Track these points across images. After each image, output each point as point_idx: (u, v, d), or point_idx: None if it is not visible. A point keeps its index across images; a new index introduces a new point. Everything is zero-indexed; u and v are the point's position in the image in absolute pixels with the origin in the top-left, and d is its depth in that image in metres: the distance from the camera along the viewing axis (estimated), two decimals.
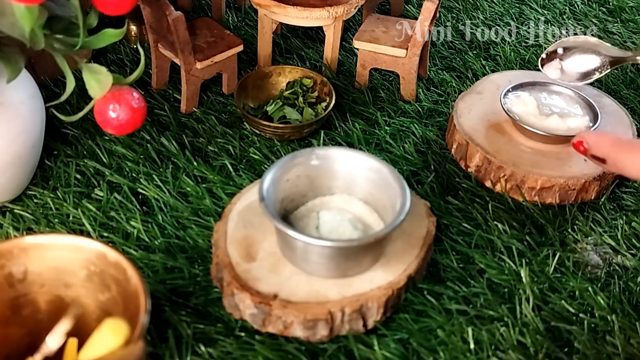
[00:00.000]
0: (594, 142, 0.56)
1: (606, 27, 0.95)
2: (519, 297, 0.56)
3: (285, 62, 0.84)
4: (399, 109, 0.77)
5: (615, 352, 0.52)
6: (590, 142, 0.56)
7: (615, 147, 0.54)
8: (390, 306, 0.53)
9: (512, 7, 0.98)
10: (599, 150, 0.55)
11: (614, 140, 0.55)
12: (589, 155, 0.56)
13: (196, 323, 0.53)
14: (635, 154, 0.53)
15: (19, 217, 0.61)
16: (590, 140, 0.56)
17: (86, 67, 0.51)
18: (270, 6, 0.74)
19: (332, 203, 0.58)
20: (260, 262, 0.54)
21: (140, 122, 0.53)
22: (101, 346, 0.42)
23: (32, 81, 0.60)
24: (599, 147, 0.55)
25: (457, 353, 0.52)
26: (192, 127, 0.73)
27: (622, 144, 0.54)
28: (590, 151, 0.56)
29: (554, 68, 0.69)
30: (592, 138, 0.56)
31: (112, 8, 0.48)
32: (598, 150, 0.55)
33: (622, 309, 0.56)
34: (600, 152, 0.55)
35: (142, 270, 0.57)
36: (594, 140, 0.56)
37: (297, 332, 0.51)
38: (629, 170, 0.53)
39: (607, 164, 0.55)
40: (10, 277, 0.46)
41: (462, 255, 0.60)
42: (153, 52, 0.75)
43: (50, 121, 0.67)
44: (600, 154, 0.55)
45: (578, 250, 0.61)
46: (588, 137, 0.56)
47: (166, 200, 0.64)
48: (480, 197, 0.66)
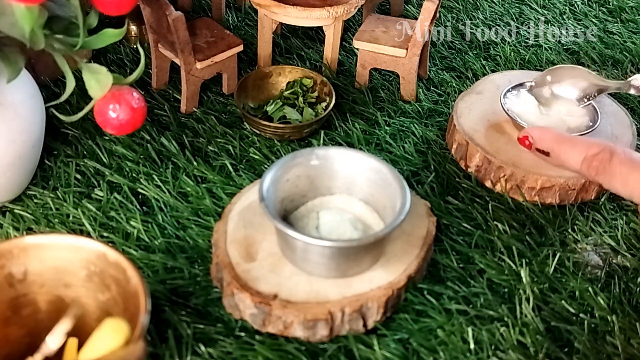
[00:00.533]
0: (538, 136, 0.61)
1: (606, 27, 0.95)
2: (519, 297, 0.56)
3: (285, 62, 0.84)
4: (399, 109, 0.77)
5: (616, 352, 0.52)
6: (535, 137, 0.61)
7: (557, 142, 0.59)
8: (390, 306, 0.53)
9: (512, 7, 0.97)
10: (543, 144, 0.60)
11: (556, 135, 0.60)
12: (534, 149, 0.61)
13: (196, 323, 0.53)
14: (575, 148, 0.58)
15: (19, 217, 0.61)
16: (535, 135, 0.61)
17: (86, 67, 0.51)
18: (270, 6, 0.74)
19: (332, 203, 0.58)
20: (260, 262, 0.54)
21: (140, 122, 0.53)
22: (101, 346, 0.42)
23: (32, 81, 0.60)
24: (543, 140, 0.60)
25: (457, 353, 0.52)
26: (192, 127, 0.73)
27: (564, 139, 0.59)
28: (535, 145, 0.61)
29: (545, 94, 0.70)
30: (536, 132, 0.61)
31: (112, 8, 0.48)
32: (542, 143, 0.60)
33: (622, 310, 0.56)
34: (544, 145, 0.60)
35: (142, 270, 0.57)
36: (538, 134, 0.61)
37: (297, 332, 0.51)
38: (569, 163, 0.59)
39: (550, 157, 0.60)
40: (10, 277, 0.46)
41: (462, 255, 0.60)
42: (153, 52, 0.75)
43: (51, 121, 0.67)
44: (545, 147, 0.60)
45: (578, 251, 0.61)
46: (533, 131, 0.61)
47: (166, 200, 0.64)
48: (480, 197, 0.66)
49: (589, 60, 0.88)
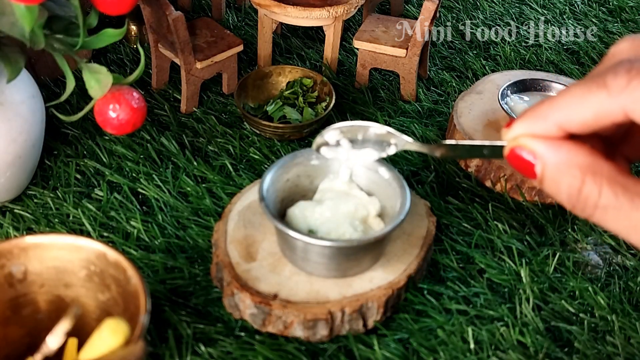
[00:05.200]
0: (556, 163, 0.53)
1: (606, 27, 0.95)
2: (519, 297, 0.56)
3: (285, 62, 0.84)
4: (399, 108, 0.77)
5: (616, 352, 0.52)
6: (551, 162, 0.51)
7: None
8: (391, 306, 0.53)
9: (512, 7, 0.97)
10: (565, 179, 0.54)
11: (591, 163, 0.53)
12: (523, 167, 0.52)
13: (196, 323, 0.53)
14: None
15: (19, 217, 0.61)
16: (551, 159, 0.54)
17: (86, 67, 0.51)
18: (270, 6, 0.74)
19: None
20: (260, 262, 0.54)
21: (140, 122, 0.53)
22: (101, 346, 0.42)
23: (32, 81, 0.60)
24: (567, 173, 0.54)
25: (457, 353, 0.52)
26: (192, 127, 0.73)
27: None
28: (547, 178, 0.55)
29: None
30: (553, 155, 0.52)
31: (112, 8, 0.48)
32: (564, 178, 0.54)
33: (622, 309, 0.56)
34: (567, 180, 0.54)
35: (142, 270, 0.57)
36: (557, 160, 0.54)
37: (297, 332, 0.51)
38: None
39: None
40: (10, 277, 0.46)
41: (462, 255, 0.60)
42: (153, 52, 0.75)
43: (50, 121, 0.67)
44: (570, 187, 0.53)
45: (578, 250, 0.61)
46: (542, 150, 0.52)
47: (166, 200, 0.63)
48: (480, 197, 0.66)
49: (589, 60, 0.87)
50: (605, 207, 0.31)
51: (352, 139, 0.48)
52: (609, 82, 0.30)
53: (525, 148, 0.33)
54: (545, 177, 0.32)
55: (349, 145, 0.49)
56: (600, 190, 0.31)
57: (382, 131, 0.47)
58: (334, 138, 0.49)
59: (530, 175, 0.33)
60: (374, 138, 0.47)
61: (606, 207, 0.31)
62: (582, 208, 0.32)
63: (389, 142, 0.47)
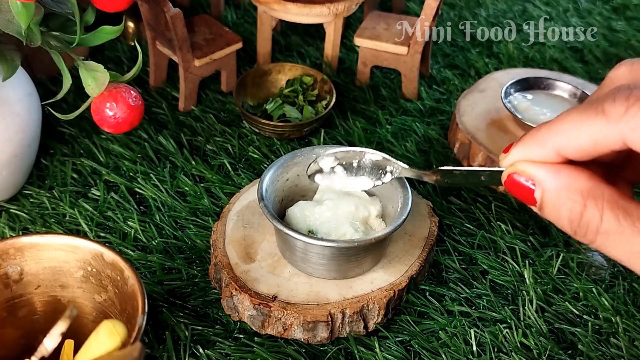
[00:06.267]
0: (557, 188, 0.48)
1: (610, 24, 0.94)
2: (522, 298, 0.55)
3: (285, 59, 0.83)
4: (401, 107, 0.77)
5: (620, 354, 0.52)
6: (552, 189, 0.46)
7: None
8: (392, 308, 0.53)
9: (515, 5, 0.97)
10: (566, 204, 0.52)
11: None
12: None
13: (194, 325, 0.52)
14: None
15: (15, 216, 0.61)
16: (551, 185, 0.49)
17: (83, 65, 0.51)
18: (270, 3, 0.74)
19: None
20: (259, 262, 0.53)
21: (137, 120, 0.52)
22: (98, 348, 0.41)
23: (28, 79, 0.60)
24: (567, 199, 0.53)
25: (459, 355, 0.51)
26: (190, 125, 0.72)
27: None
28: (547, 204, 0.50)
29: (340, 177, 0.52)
30: (553, 181, 0.46)
31: (110, 5, 0.48)
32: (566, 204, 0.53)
33: (627, 311, 0.55)
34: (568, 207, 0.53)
35: (139, 271, 0.56)
36: (558, 185, 0.49)
37: (297, 334, 0.50)
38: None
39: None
40: (6, 277, 0.46)
41: (465, 256, 0.59)
42: (151, 50, 0.75)
43: (47, 119, 0.67)
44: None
45: (582, 251, 0.60)
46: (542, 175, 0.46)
47: (164, 199, 0.63)
48: (483, 197, 0.65)
49: (593, 58, 0.87)
50: (607, 232, 0.30)
51: (347, 165, 0.48)
52: (607, 109, 0.29)
53: (523, 174, 0.32)
54: (545, 202, 0.32)
55: (344, 173, 0.48)
56: (602, 214, 0.30)
57: (378, 157, 0.47)
58: (329, 165, 0.48)
59: (530, 201, 0.33)
60: (370, 165, 0.47)
61: (608, 232, 0.30)
62: (583, 233, 0.31)
63: (384, 168, 0.47)
